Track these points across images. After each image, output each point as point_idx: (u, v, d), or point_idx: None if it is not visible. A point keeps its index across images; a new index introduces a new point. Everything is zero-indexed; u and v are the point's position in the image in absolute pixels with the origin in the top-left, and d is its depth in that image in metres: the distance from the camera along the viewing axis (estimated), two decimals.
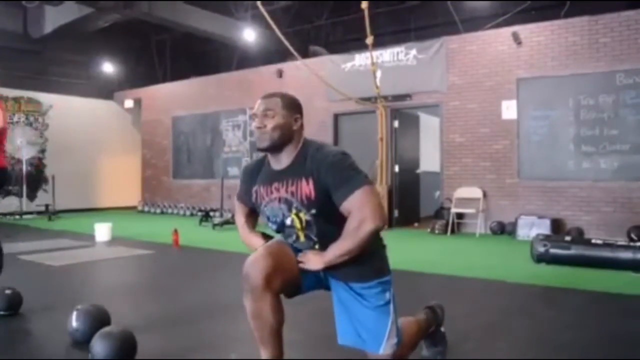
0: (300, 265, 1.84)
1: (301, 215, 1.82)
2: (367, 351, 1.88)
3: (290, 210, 1.83)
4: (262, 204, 1.92)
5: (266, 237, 2.00)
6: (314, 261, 1.81)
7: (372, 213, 1.70)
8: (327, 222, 1.81)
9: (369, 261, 1.84)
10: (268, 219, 1.93)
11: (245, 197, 2.04)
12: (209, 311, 3.29)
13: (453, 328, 2.45)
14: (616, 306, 3.44)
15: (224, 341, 2.74)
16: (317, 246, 1.85)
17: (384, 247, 1.97)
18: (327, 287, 1.97)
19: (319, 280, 1.93)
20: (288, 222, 1.85)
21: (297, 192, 1.81)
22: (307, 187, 1.79)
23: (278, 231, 1.95)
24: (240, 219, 2.09)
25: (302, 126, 1.91)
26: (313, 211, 1.79)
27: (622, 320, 3.09)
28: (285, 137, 1.84)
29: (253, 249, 1.93)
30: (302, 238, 1.87)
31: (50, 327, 2.90)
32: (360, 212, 1.70)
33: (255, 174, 1.98)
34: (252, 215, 2.09)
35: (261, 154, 1.99)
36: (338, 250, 1.76)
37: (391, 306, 1.88)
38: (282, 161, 1.88)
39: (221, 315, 3.22)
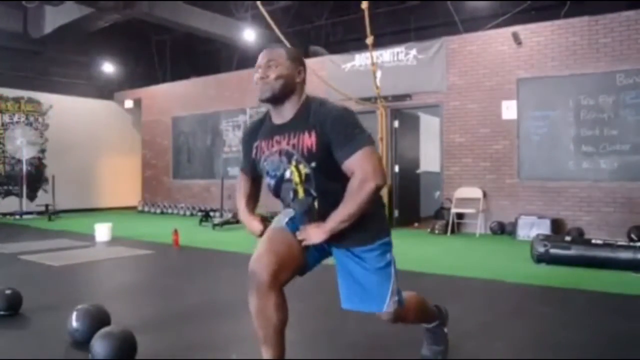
0: (303, 243, 1.82)
1: (301, 167, 1.81)
2: (371, 311, 1.91)
3: (290, 162, 1.82)
4: (262, 158, 1.91)
5: (265, 220, 1.99)
6: (314, 235, 1.80)
7: (373, 172, 1.72)
8: (326, 178, 1.80)
9: (368, 224, 1.85)
10: (267, 173, 1.91)
11: (247, 165, 2.03)
12: (209, 311, 3.29)
13: (453, 328, 2.45)
14: (616, 306, 3.44)
15: (224, 341, 2.73)
16: (316, 202, 1.83)
17: (383, 206, 1.99)
18: (331, 254, 1.97)
19: (322, 252, 1.94)
20: (287, 174, 1.83)
21: (298, 144, 1.80)
22: (309, 140, 1.79)
23: (276, 188, 1.91)
24: (241, 201, 2.08)
25: (304, 80, 1.90)
26: (313, 164, 1.79)
27: (622, 320, 3.09)
28: (287, 88, 1.84)
29: (250, 231, 1.96)
30: (300, 193, 1.84)
31: (50, 327, 2.90)
32: (362, 171, 1.72)
33: (256, 131, 1.97)
34: (253, 196, 2.09)
35: (264, 111, 1.98)
36: (339, 216, 1.76)
37: (392, 267, 1.91)
38: (284, 114, 1.87)
39: (221, 315, 3.22)
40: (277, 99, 1.85)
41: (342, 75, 8.87)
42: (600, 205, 6.71)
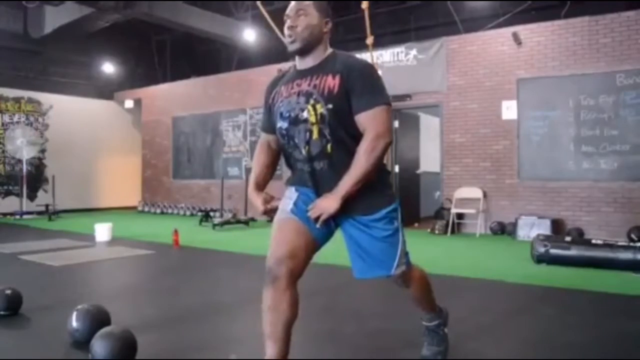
0: (321, 218, 1.81)
1: (318, 107, 1.83)
2: (380, 276, 1.95)
3: (307, 102, 1.84)
4: (279, 101, 1.93)
5: (269, 200, 1.98)
6: (328, 204, 1.80)
7: (386, 130, 1.80)
8: (340, 124, 1.83)
9: (374, 192, 1.87)
10: (281, 115, 1.91)
11: (267, 120, 2.05)
12: (209, 311, 3.29)
13: (453, 328, 2.45)
14: (617, 307, 3.44)
15: (224, 341, 2.73)
16: (329, 145, 1.84)
17: (388, 173, 2.02)
18: (338, 226, 1.98)
19: (330, 228, 1.94)
20: (304, 114, 1.85)
21: (320, 85, 1.84)
22: (332, 81, 1.83)
23: (288, 133, 1.90)
24: (254, 172, 2.08)
25: (331, 30, 1.95)
26: (330, 106, 1.81)
27: (622, 320, 3.09)
28: (315, 37, 1.89)
29: (254, 206, 2.01)
30: (315, 134, 1.85)
31: (50, 327, 2.90)
32: (375, 128, 1.78)
33: (277, 83, 2.01)
34: (269, 166, 2.09)
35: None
36: (353, 175, 1.78)
37: (399, 234, 1.94)
38: (309, 62, 1.92)
39: (221, 315, 3.22)
40: (305, 50, 1.90)
41: None
42: (600, 205, 6.71)
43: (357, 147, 1.82)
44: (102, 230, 6.74)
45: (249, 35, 10.15)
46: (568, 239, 5.12)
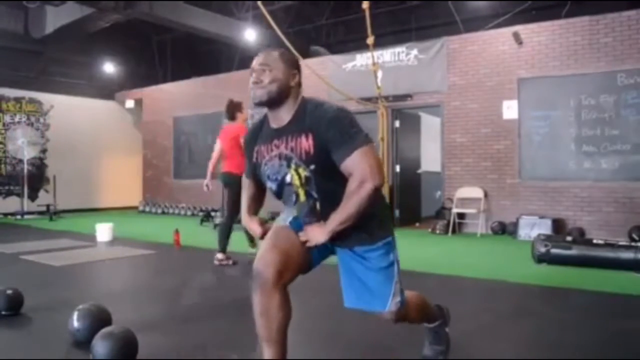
0: (306, 244, 1.83)
1: (300, 170, 1.81)
2: (373, 311, 1.93)
3: (289, 166, 1.83)
4: (263, 162, 1.92)
5: (264, 223, 1.99)
6: (317, 235, 1.81)
7: (371, 173, 1.72)
8: (326, 179, 1.81)
9: (371, 224, 1.86)
10: (268, 177, 1.92)
11: (251, 170, 2.05)
12: (209, 311, 3.29)
13: (454, 328, 2.45)
14: (618, 306, 3.44)
15: (225, 341, 2.74)
16: (317, 204, 1.84)
17: (386, 206, 2.00)
18: (334, 252, 1.98)
19: (326, 249, 1.94)
20: (288, 178, 1.85)
21: (296, 148, 1.81)
22: (306, 143, 1.79)
23: (278, 192, 1.93)
24: (244, 204, 2.09)
25: (299, 83, 1.91)
26: (312, 167, 1.80)
27: (623, 320, 3.09)
28: (282, 91, 1.84)
29: (251, 231, 1.99)
30: (302, 196, 1.85)
31: (51, 327, 2.91)
32: (360, 172, 1.72)
33: (256, 135, 1.98)
34: (256, 200, 2.10)
35: (261, 114, 1.99)
36: (340, 216, 1.76)
37: (395, 267, 1.92)
38: (281, 118, 1.88)
39: (222, 315, 3.23)
40: (271, 103, 1.85)
41: (343, 75, 8.87)
42: (601, 205, 6.70)
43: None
44: (103, 230, 6.75)
45: (250, 35, 10.15)
46: (569, 238, 5.11)
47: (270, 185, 1.93)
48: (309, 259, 1.90)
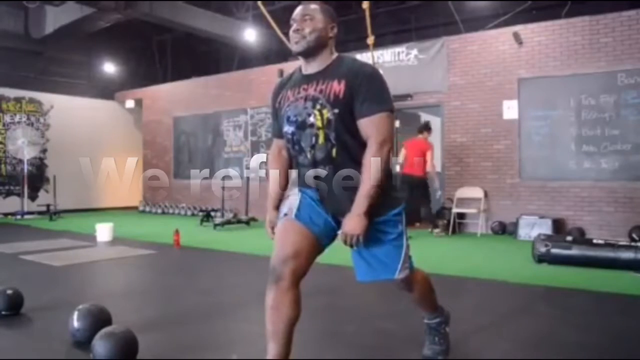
0: (355, 247, 1.83)
1: (324, 112, 1.85)
2: (383, 279, 1.96)
3: (314, 107, 1.86)
4: (286, 105, 1.95)
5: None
6: (353, 230, 1.79)
7: (389, 137, 1.82)
8: (346, 128, 1.85)
9: (380, 196, 1.87)
10: (288, 119, 1.94)
11: (276, 125, 2.05)
12: (210, 311, 3.29)
13: (455, 328, 2.45)
14: (618, 306, 3.43)
15: (225, 341, 2.74)
16: (334, 150, 1.86)
17: (392, 176, 2.03)
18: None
19: (333, 230, 1.96)
20: (311, 119, 1.87)
21: (326, 90, 1.86)
22: (337, 87, 1.85)
23: (294, 136, 1.92)
24: (273, 187, 2.08)
25: (336, 35, 1.97)
26: (336, 110, 1.84)
27: (623, 320, 3.09)
28: (320, 41, 1.91)
29: (267, 222, 2.07)
30: (321, 139, 1.87)
31: (51, 327, 2.91)
32: (379, 134, 1.80)
33: (284, 84, 2.03)
34: (284, 180, 2.08)
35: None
36: (367, 188, 1.79)
37: (404, 237, 1.96)
38: (315, 66, 1.94)
39: (222, 315, 3.22)
40: (310, 52, 1.91)
41: None
42: (601, 205, 6.70)
43: (360, 150, 1.83)
44: (104, 230, 6.75)
45: (250, 35, 10.15)
46: (569, 238, 5.11)
47: (288, 129, 1.94)
48: (319, 245, 1.92)
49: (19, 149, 10.59)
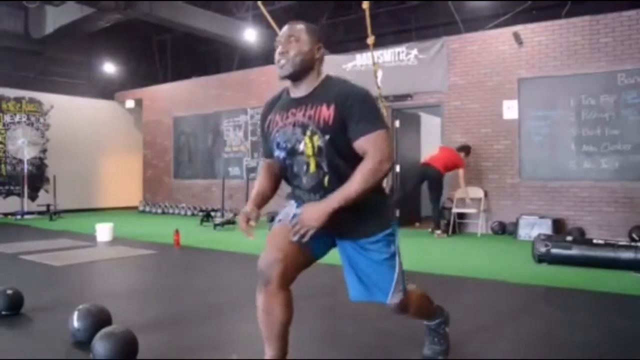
0: (300, 232, 1.75)
1: (315, 139, 1.81)
2: (376, 301, 1.94)
3: (304, 133, 1.82)
4: (275, 130, 1.91)
5: (251, 218, 1.94)
6: (309, 221, 1.72)
7: (390, 156, 1.77)
8: (338, 154, 1.81)
9: (372, 215, 1.86)
10: (278, 145, 1.90)
11: (266, 146, 2.02)
12: (210, 311, 3.29)
13: (454, 327, 2.45)
14: (618, 306, 3.43)
15: (225, 341, 2.74)
16: (326, 179, 1.83)
17: (386, 196, 2.00)
18: (336, 244, 1.98)
19: (328, 242, 1.94)
20: (300, 147, 1.83)
21: (315, 116, 1.82)
22: (326, 112, 1.80)
23: (286, 161, 1.89)
24: (258, 188, 2.02)
25: (323, 56, 1.93)
26: (327, 137, 1.80)
27: (623, 320, 3.09)
28: (306, 64, 1.86)
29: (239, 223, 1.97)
30: (312, 167, 1.84)
31: (51, 327, 2.91)
32: (379, 152, 1.74)
33: (272, 106, 1.99)
34: (271, 189, 2.03)
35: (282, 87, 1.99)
36: (343, 195, 1.72)
37: (397, 258, 1.93)
38: (302, 89, 1.90)
39: (222, 315, 3.22)
40: (295, 76, 1.87)
41: (343, 75, 8.68)
42: (601, 205, 6.70)
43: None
44: (104, 230, 6.75)
45: (250, 35, 10.15)
46: (569, 238, 5.12)
47: (279, 154, 1.91)
48: (310, 254, 1.89)
49: (19, 149, 10.59)
